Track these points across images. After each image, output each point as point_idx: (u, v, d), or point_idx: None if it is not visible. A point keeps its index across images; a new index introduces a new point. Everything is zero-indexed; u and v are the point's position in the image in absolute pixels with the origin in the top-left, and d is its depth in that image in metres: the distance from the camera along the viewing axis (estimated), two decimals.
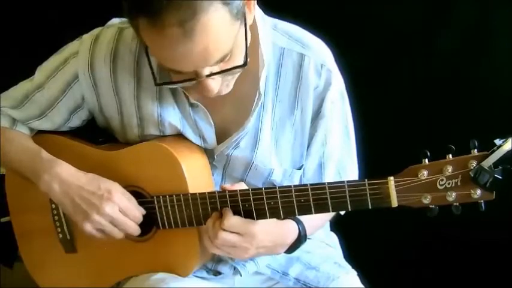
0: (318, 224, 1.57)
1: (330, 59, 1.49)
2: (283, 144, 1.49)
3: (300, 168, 1.52)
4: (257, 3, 1.34)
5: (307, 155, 1.51)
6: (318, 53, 1.46)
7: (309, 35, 1.49)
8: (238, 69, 1.28)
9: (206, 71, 1.24)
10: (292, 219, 1.43)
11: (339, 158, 1.53)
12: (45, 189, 1.46)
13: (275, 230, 1.41)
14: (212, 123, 1.46)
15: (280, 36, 1.45)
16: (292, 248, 1.45)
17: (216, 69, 1.25)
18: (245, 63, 1.27)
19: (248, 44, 1.27)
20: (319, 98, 1.47)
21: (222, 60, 1.24)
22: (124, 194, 1.44)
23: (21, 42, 2.20)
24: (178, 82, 1.29)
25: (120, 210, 1.42)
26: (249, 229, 1.36)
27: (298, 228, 1.43)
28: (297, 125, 1.48)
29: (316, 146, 1.50)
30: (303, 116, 1.47)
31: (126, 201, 1.43)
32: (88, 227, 1.43)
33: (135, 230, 1.44)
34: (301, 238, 1.44)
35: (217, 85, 1.28)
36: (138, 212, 1.44)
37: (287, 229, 1.43)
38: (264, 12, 1.45)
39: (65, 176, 1.44)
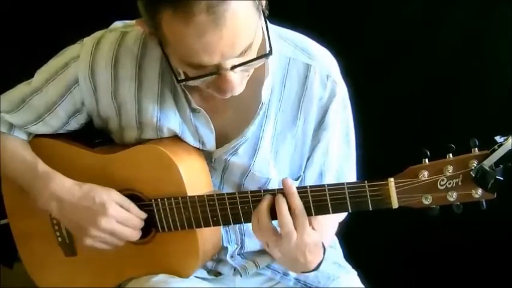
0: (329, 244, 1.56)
1: (336, 70, 1.48)
2: (282, 155, 1.49)
3: (297, 179, 1.52)
4: None
5: (308, 164, 1.51)
6: (324, 64, 1.46)
7: (315, 44, 1.48)
8: (262, 59, 1.27)
9: (229, 63, 1.22)
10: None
11: (338, 166, 1.53)
12: (43, 207, 1.47)
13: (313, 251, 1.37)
14: (213, 129, 1.45)
15: (286, 45, 1.44)
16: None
17: (236, 62, 1.23)
18: (270, 52, 1.26)
19: (268, 34, 1.26)
20: (322, 108, 1.46)
21: (245, 51, 1.22)
22: (121, 201, 1.44)
23: (21, 42, 2.19)
24: (201, 77, 1.25)
25: (119, 222, 1.42)
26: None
27: (322, 258, 1.41)
28: (299, 135, 1.48)
29: (318, 155, 1.50)
30: (305, 127, 1.47)
31: (122, 211, 1.43)
32: (89, 241, 1.44)
33: (135, 237, 1.45)
34: (317, 267, 1.41)
35: (238, 79, 1.26)
36: (136, 219, 1.44)
37: (319, 256, 1.39)
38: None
39: (60, 193, 1.44)
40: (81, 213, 1.42)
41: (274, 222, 1.34)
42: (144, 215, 1.45)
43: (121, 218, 1.42)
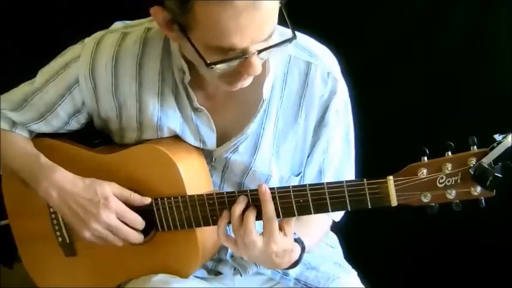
0: (316, 243, 1.55)
1: (336, 68, 1.49)
2: (284, 152, 1.49)
3: (297, 175, 1.52)
4: None
5: (308, 161, 1.51)
6: (325, 62, 1.46)
7: (316, 43, 1.48)
8: (286, 43, 1.26)
9: (255, 47, 1.22)
10: (297, 240, 1.40)
11: (338, 165, 1.53)
12: (43, 196, 1.47)
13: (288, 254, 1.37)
14: (214, 128, 1.45)
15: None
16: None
17: (261, 46, 1.23)
18: (294, 36, 1.25)
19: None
20: (323, 106, 1.46)
21: (270, 36, 1.23)
22: (122, 191, 1.44)
23: (21, 42, 2.20)
24: (228, 60, 1.24)
25: (118, 216, 1.42)
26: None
27: (299, 258, 1.40)
28: (300, 133, 1.48)
29: (318, 153, 1.50)
30: (306, 124, 1.47)
31: (123, 206, 1.43)
32: (87, 235, 1.44)
33: (135, 237, 1.45)
34: (294, 265, 1.41)
35: (260, 64, 1.26)
36: (137, 216, 1.44)
37: (293, 257, 1.39)
38: None
39: (63, 183, 1.44)
40: (83, 204, 1.42)
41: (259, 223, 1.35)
42: (148, 200, 1.44)
43: (121, 212, 1.42)
